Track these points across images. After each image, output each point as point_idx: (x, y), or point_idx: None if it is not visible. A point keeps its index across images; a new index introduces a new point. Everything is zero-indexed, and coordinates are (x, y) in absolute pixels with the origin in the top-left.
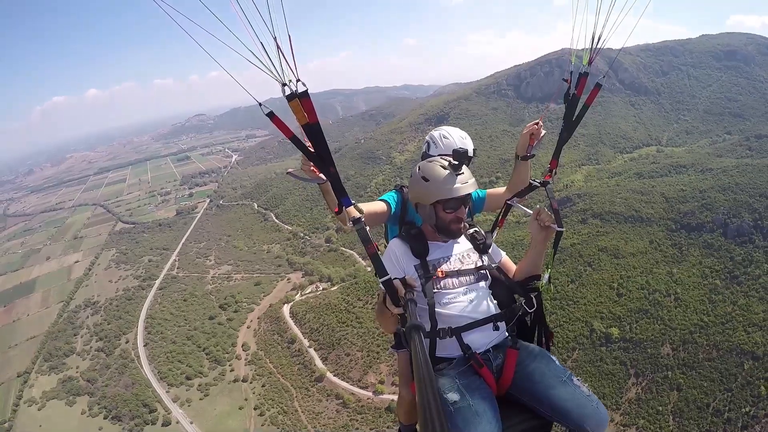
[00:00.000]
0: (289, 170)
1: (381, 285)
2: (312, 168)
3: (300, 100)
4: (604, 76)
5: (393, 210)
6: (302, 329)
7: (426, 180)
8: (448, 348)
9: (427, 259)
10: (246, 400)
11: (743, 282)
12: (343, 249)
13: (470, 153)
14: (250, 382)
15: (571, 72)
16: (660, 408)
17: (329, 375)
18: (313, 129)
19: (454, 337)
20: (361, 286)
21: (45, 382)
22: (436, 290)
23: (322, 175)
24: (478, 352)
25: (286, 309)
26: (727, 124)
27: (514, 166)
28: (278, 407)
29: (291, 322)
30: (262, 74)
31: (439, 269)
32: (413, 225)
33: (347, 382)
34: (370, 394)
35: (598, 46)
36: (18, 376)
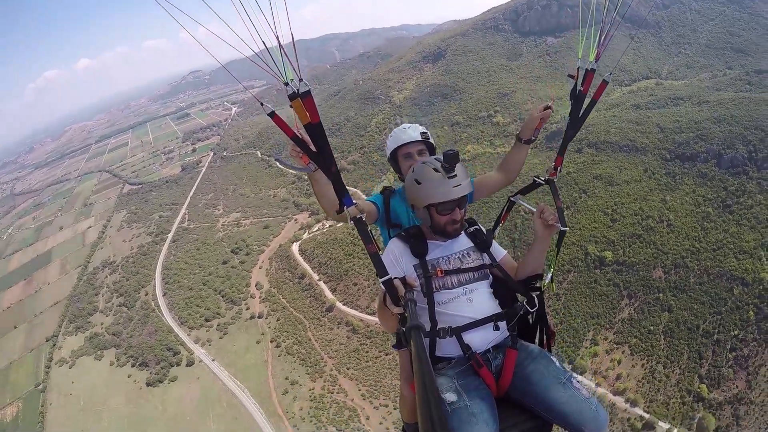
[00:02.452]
0: (278, 157)
1: (381, 285)
2: (301, 155)
3: (302, 99)
4: (611, 73)
5: (379, 210)
6: (311, 264)
7: (419, 183)
8: (447, 348)
9: (427, 258)
10: (263, 334)
11: (735, 211)
12: (348, 187)
13: (418, 137)
14: (266, 318)
15: (578, 68)
16: (651, 328)
17: (339, 304)
18: (315, 129)
19: (453, 336)
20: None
21: (73, 342)
22: (435, 290)
23: (311, 165)
24: (478, 352)
25: (295, 247)
26: (728, 59)
27: (512, 147)
28: (293, 338)
29: (300, 258)
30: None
31: (438, 268)
32: (399, 227)
33: (356, 309)
34: (378, 319)
35: (606, 42)
36: (47, 341)
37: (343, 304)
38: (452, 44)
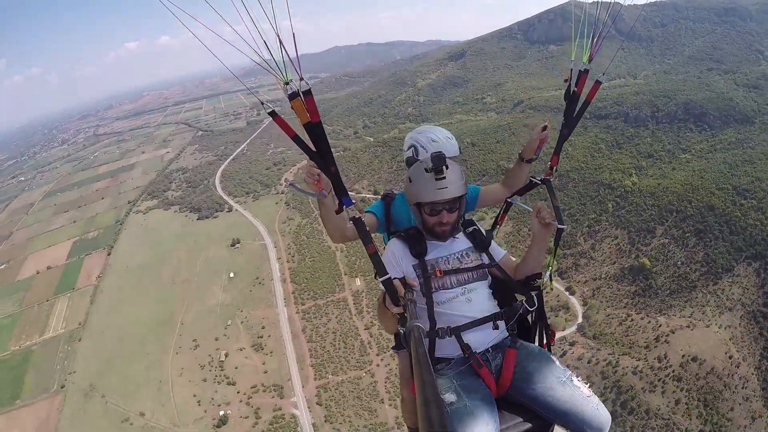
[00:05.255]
0: (291, 182)
1: (381, 285)
2: (316, 181)
3: (303, 98)
4: (603, 74)
5: (379, 220)
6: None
7: (410, 180)
8: (447, 348)
9: (426, 258)
10: (281, 200)
11: (624, 148)
12: (368, 138)
13: (451, 154)
14: (286, 192)
15: (571, 69)
16: (530, 210)
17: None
18: (315, 128)
19: (453, 336)
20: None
21: (149, 204)
22: (434, 290)
23: (324, 191)
24: (477, 351)
25: None
26: (705, 68)
27: (515, 165)
28: (305, 201)
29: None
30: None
31: (437, 268)
32: (399, 232)
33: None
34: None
35: (599, 44)
36: (129, 203)
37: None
38: (473, 46)
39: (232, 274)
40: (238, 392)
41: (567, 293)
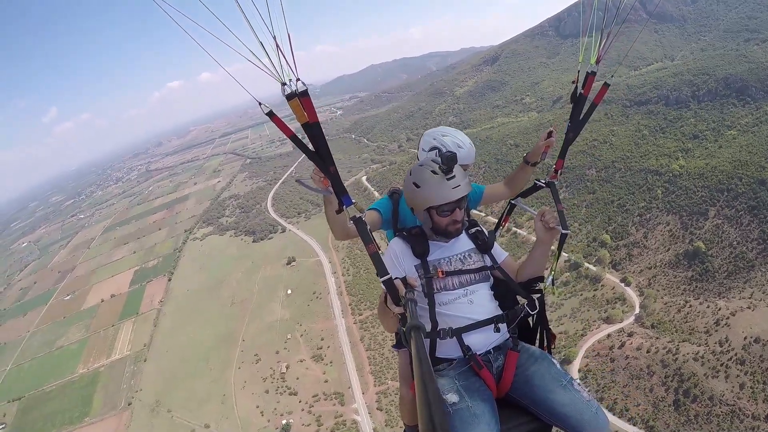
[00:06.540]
0: (298, 178)
1: (382, 284)
2: (322, 179)
3: (300, 99)
4: (612, 75)
5: (384, 217)
6: (377, 188)
7: (417, 186)
8: (448, 348)
9: (428, 259)
10: None
11: (668, 131)
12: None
13: (470, 161)
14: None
15: (578, 71)
16: (576, 201)
17: None
18: (313, 129)
19: (454, 337)
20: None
21: (205, 231)
22: (436, 290)
23: (330, 188)
24: (478, 353)
25: (363, 177)
26: (742, 40)
27: (519, 167)
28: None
29: (367, 184)
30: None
31: (439, 269)
32: (406, 229)
33: None
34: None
35: (607, 46)
36: (185, 231)
37: None
38: (506, 49)
39: (289, 291)
40: (300, 402)
41: (622, 284)
